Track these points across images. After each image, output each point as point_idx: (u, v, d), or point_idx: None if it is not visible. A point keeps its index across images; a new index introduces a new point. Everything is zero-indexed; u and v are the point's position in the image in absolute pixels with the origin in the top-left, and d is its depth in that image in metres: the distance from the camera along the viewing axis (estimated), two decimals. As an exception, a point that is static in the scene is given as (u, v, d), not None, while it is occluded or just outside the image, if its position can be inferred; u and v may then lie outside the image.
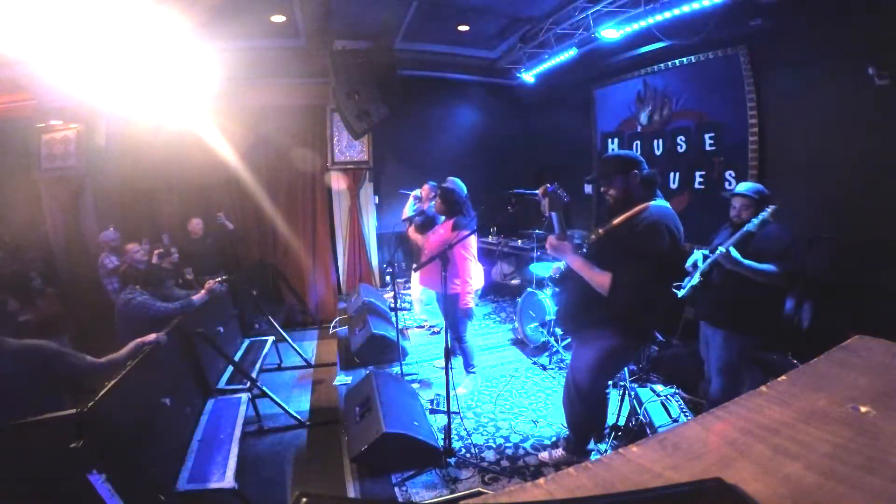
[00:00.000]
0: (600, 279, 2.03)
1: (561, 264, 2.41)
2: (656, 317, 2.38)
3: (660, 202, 2.10)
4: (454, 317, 3.37)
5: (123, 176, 5.09)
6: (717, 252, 2.39)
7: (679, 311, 3.53)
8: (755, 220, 2.31)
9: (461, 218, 3.27)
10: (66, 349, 2.24)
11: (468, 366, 3.66)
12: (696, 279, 2.58)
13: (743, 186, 2.59)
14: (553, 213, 2.18)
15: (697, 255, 2.64)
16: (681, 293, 2.67)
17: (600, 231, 2.17)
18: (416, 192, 4.69)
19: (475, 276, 3.45)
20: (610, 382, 2.92)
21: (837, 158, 3.08)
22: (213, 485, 2.17)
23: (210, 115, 4.95)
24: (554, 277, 2.48)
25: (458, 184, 3.41)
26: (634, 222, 2.03)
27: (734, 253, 2.32)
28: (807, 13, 3.13)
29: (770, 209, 2.29)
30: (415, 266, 3.20)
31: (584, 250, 2.27)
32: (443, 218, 3.47)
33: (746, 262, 2.33)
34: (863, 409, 0.57)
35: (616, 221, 2.10)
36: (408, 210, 4.73)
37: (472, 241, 3.36)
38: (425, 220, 3.98)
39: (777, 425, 0.56)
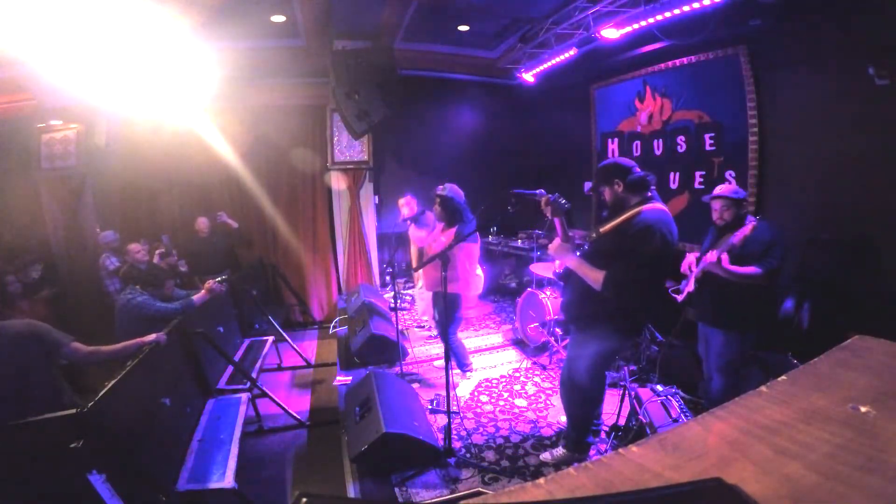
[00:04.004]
0: (594, 276, 2.22)
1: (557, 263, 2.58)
2: (649, 311, 2.59)
3: (655, 205, 2.22)
4: (450, 316, 3.39)
5: (123, 176, 5.08)
6: (709, 260, 2.52)
7: (679, 312, 3.54)
8: (741, 236, 2.42)
9: (462, 226, 3.27)
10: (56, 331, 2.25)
11: (462, 366, 3.66)
12: (692, 286, 2.67)
13: (720, 189, 2.69)
14: (556, 219, 2.43)
15: (691, 258, 2.72)
16: (680, 299, 2.76)
17: (600, 231, 2.32)
18: (401, 201, 4.45)
19: (475, 282, 3.53)
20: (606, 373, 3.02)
21: (838, 158, 3.07)
22: (213, 485, 2.17)
23: (210, 115, 4.94)
24: (558, 273, 2.63)
25: (455, 190, 3.41)
26: (629, 225, 2.19)
27: (725, 260, 2.44)
28: (807, 13, 3.13)
29: (752, 224, 2.41)
30: (415, 266, 3.21)
31: (586, 247, 2.46)
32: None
33: (735, 269, 2.45)
34: (863, 409, 0.57)
35: (613, 224, 2.26)
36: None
37: (476, 251, 3.47)
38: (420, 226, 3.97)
39: (777, 425, 0.56)
